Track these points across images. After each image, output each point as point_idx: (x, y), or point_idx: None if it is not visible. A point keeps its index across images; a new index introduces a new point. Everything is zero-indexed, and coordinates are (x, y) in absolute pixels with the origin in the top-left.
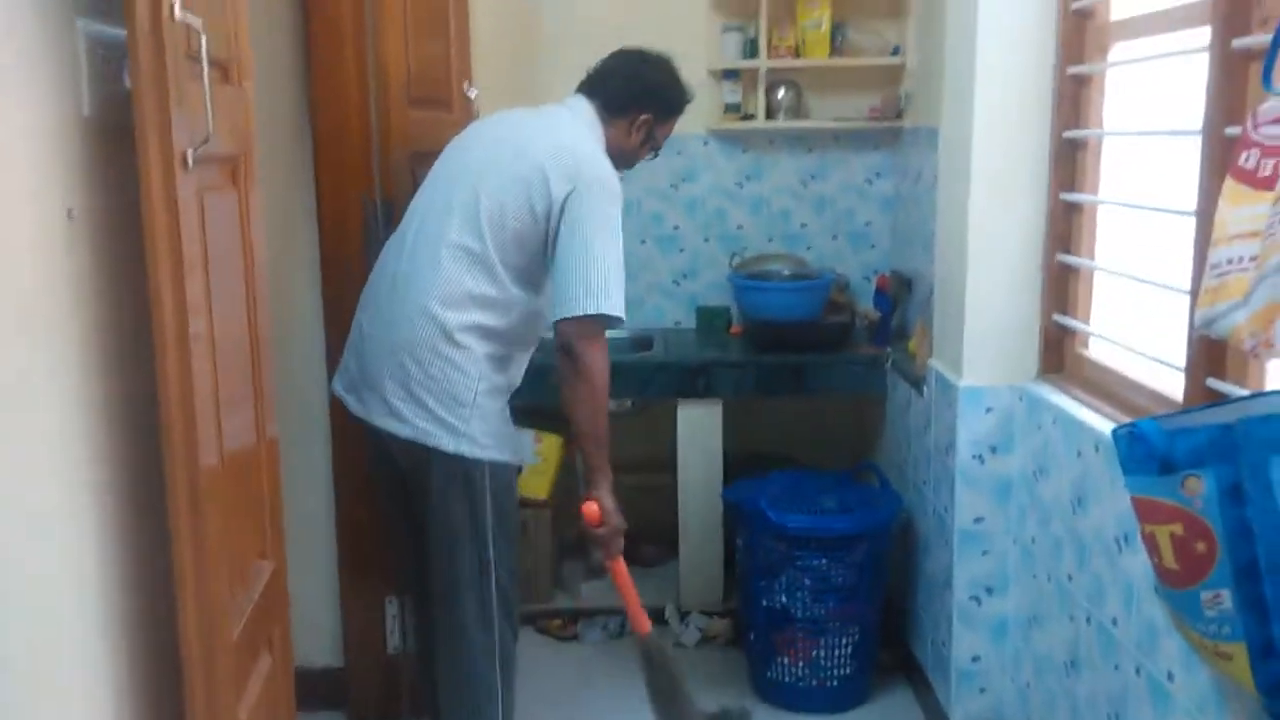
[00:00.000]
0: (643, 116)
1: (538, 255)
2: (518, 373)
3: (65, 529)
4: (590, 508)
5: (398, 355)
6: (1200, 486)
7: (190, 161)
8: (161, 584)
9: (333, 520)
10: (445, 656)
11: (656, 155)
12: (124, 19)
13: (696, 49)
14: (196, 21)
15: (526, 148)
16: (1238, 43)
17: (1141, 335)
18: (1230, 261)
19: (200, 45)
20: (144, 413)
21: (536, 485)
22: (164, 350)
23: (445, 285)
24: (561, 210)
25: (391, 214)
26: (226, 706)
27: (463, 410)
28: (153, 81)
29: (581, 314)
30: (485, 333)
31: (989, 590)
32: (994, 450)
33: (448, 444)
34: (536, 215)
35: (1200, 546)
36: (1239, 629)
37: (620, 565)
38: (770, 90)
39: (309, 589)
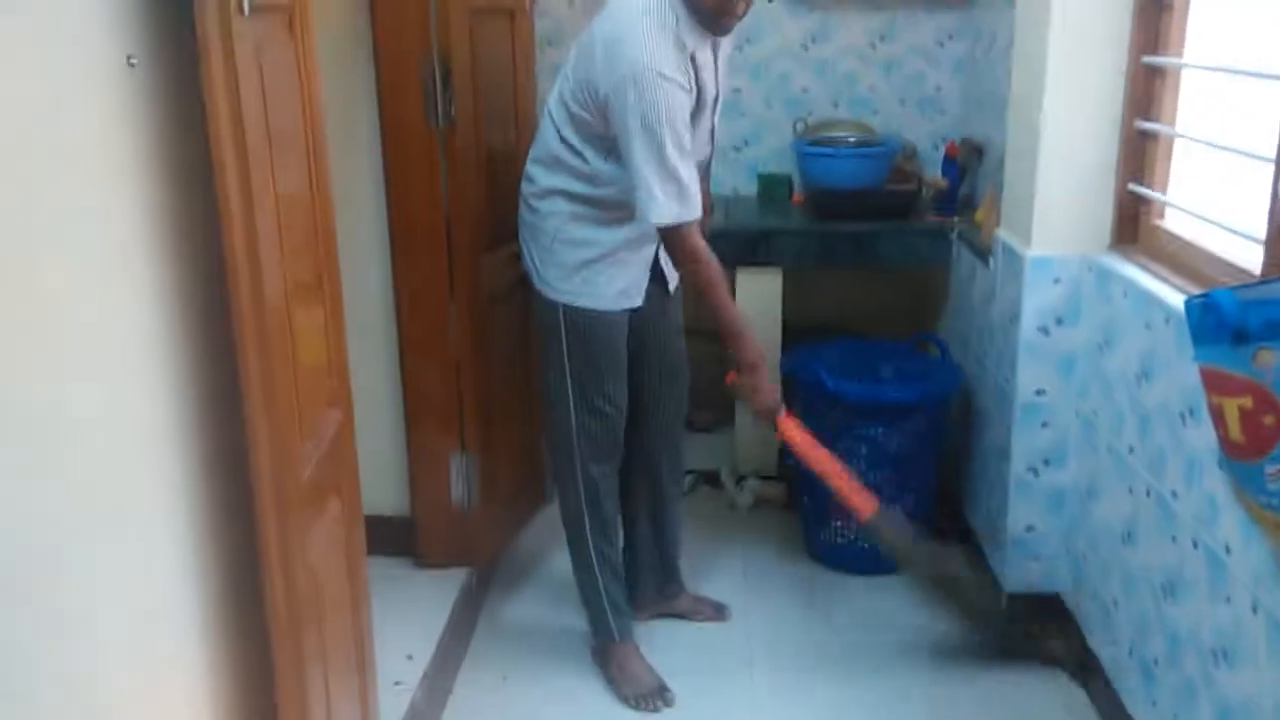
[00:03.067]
0: None
1: (615, 141)
2: (619, 233)
3: (136, 370)
4: (733, 377)
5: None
6: (1274, 359)
7: (247, 8)
8: (232, 432)
9: (399, 376)
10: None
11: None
12: None
13: None
14: None
15: (594, 30)
16: None
17: (1221, 206)
18: None
19: None
20: (209, 259)
21: None
22: (226, 195)
23: (539, 146)
24: (606, 113)
25: (449, 73)
26: (297, 543)
27: (543, 255)
28: None
29: (653, 221)
30: (570, 197)
31: (1047, 462)
32: (1060, 322)
33: (535, 281)
34: (595, 109)
35: (1269, 420)
36: None
37: (789, 426)
38: None
39: (377, 441)
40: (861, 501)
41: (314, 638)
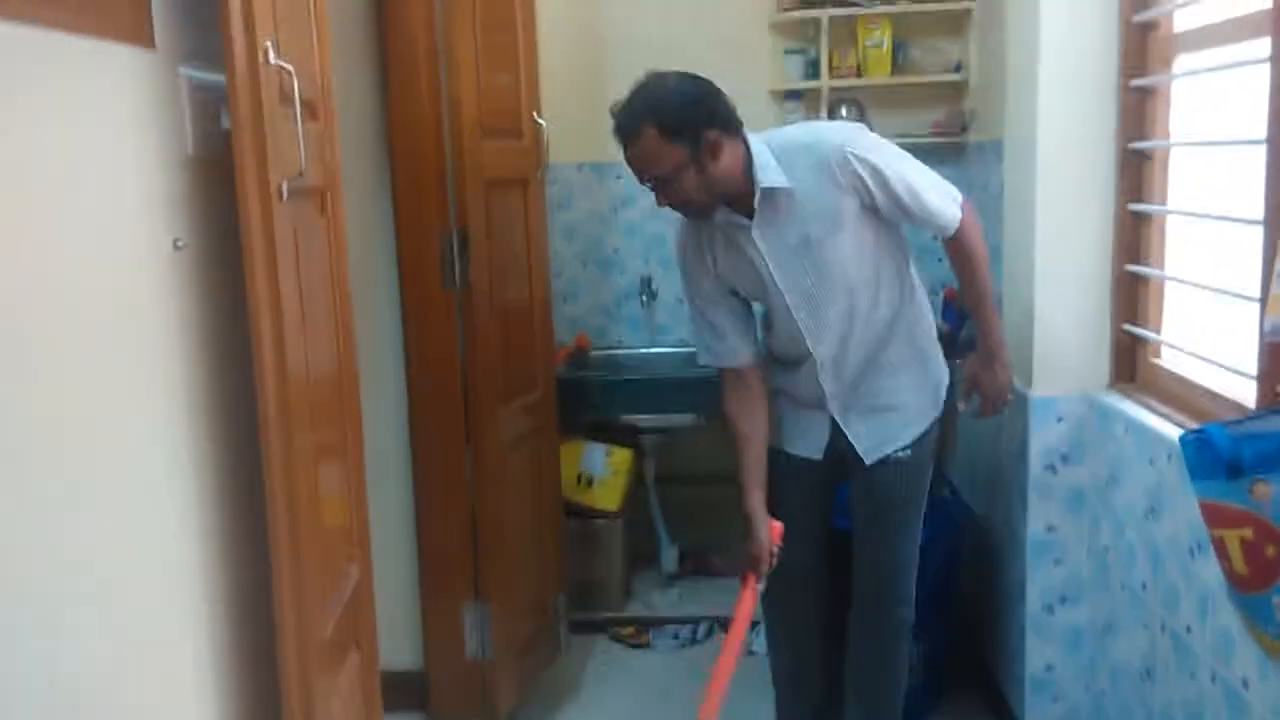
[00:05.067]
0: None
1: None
2: (790, 380)
3: (173, 547)
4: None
5: None
6: (1270, 491)
7: (285, 194)
8: (261, 596)
9: (413, 529)
10: None
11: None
12: (224, 65)
13: (759, 70)
14: (288, 66)
15: None
16: None
17: (1213, 344)
18: None
19: (292, 87)
20: (244, 430)
21: (607, 497)
22: (263, 366)
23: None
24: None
25: (466, 241)
26: (321, 699)
27: None
28: (250, 121)
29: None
30: (766, 344)
31: (1062, 599)
32: (1065, 459)
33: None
34: None
35: (1270, 551)
36: None
37: (750, 591)
38: (833, 109)
39: (391, 593)
40: (713, 706)
41: None
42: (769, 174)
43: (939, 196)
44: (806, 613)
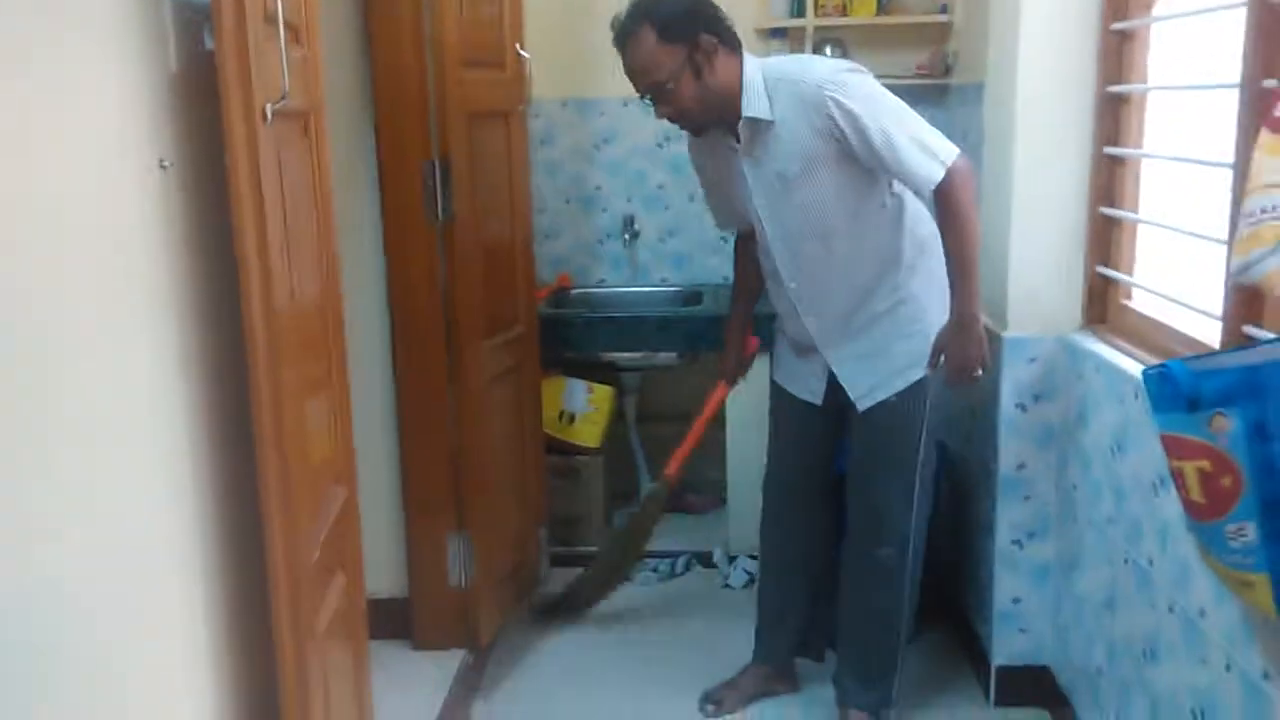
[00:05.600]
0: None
1: None
2: (784, 316)
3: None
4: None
5: None
6: (1227, 424)
7: (269, 116)
8: (249, 518)
9: (398, 460)
10: None
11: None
12: None
13: (745, 7)
14: None
15: None
16: None
17: (1182, 285)
18: (1264, 210)
19: (276, 8)
20: (230, 351)
21: (589, 434)
22: (249, 289)
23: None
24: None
25: (449, 174)
26: (308, 618)
27: None
28: (234, 41)
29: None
30: None
31: (1030, 535)
32: (1037, 399)
33: None
34: None
35: (1226, 481)
36: (1262, 560)
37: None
38: (817, 48)
39: (376, 524)
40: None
41: (320, 707)
42: (753, 103)
43: (917, 152)
44: (795, 547)
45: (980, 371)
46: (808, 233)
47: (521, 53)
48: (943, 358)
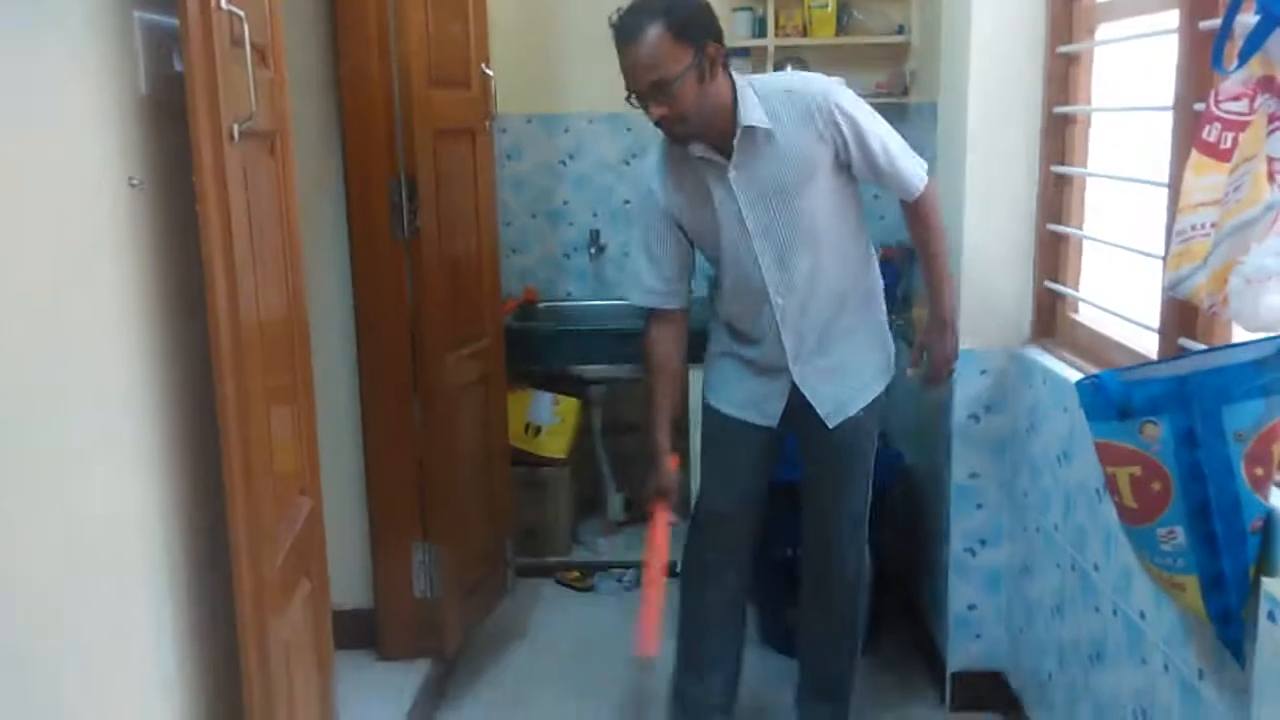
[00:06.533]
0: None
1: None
2: (747, 344)
3: (131, 487)
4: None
5: None
6: (1157, 432)
7: (236, 136)
8: (215, 530)
9: (362, 472)
10: None
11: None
12: (176, 9)
13: None
14: (239, 10)
15: None
16: (1204, 24)
17: (1124, 299)
18: (1194, 228)
19: (243, 32)
20: (197, 365)
21: (555, 445)
22: (215, 303)
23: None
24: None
25: (415, 190)
26: (273, 625)
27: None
28: (202, 63)
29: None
30: (714, 308)
31: (983, 542)
32: (988, 409)
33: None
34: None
35: (1156, 486)
36: (1192, 562)
37: (661, 520)
38: (779, 67)
39: (341, 533)
40: (651, 638)
41: (285, 716)
42: (752, 112)
43: (909, 160)
44: (729, 587)
45: (955, 367)
46: (801, 243)
47: (486, 71)
48: (925, 356)
